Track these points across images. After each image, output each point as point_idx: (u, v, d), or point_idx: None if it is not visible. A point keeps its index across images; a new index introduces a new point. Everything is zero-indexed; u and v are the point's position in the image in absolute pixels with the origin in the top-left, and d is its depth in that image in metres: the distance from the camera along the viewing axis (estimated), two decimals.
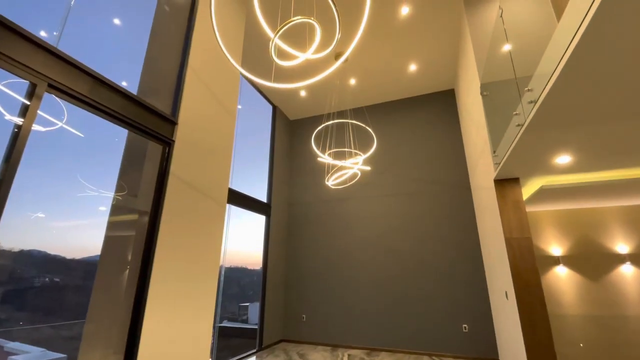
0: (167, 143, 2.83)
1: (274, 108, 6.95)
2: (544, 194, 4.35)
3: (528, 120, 2.44)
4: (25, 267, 2.93)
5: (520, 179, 3.94)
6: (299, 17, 1.76)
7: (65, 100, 2.18)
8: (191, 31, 3.27)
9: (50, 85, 2.03)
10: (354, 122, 5.07)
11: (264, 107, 6.81)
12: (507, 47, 3.41)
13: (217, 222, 3.36)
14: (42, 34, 2.25)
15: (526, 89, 2.39)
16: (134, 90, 2.95)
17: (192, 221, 3.01)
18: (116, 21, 3.61)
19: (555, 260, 5.42)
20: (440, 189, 6.06)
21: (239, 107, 6.61)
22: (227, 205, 5.01)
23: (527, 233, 3.72)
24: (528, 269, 3.63)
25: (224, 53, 2.19)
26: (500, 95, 3.97)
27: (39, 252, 2.97)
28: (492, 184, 4.00)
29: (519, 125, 2.67)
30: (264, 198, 6.24)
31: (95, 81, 2.30)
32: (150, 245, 2.58)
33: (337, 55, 5.51)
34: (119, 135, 3.10)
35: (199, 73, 3.26)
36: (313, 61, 5.02)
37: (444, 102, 6.55)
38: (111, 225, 2.75)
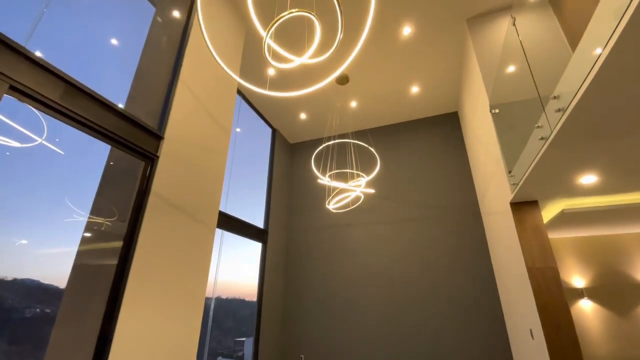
0: (150, 158, 2.55)
1: (274, 131, 6.77)
2: (565, 219, 3.99)
3: (555, 132, 2.16)
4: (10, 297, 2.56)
5: (539, 201, 3.61)
6: (296, 9, 1.53)
7: (31, 105, 1.91)
8: (185, 42, 3.10)
9: (12, 88, 1.78)
10: (355, 142, 4.82)
11: (264, 130, 6.62)
12: (522, 57, 3.22)
13: (205, 249, 3.00)
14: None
15: (552, 95, 2.14)
16: (122, 102, 2.73)
17: (174, 247, 2.64)
18: (113, 41, 3.47)
19: (579, 293, 4.95)
20: (447, 214, 5.70)
21: (238, 130, 6.44)
22: (220, 231, 4.65)
23: (551, 262, 3.33)
24: (556, 305, 3.19)
25: (219, 63, 1.97)
26: (512, 112, 3.74)
27: (23, 280, 2.63)
28: (508, 207, 3.66)
29: (542, 138, 2.39)
30: (260, 224, 5.87)
31: (69, 87, 2.05)
32: (120, 276, 2.20)
33: (338, 79, 5.39)
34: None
35: (191, 86, 3.05)
36: (311, 69, 4.90)
37: (448, 125, 6.36)
38: (80, 254, 2.39)
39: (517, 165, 3.22)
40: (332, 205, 4.93)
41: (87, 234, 2.49)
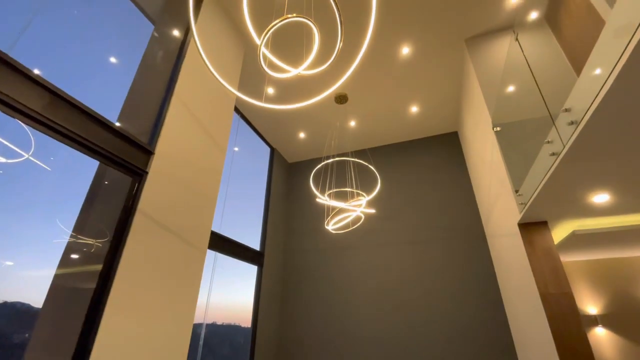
0: (138, 174, 2.40)
1: (272, 150, 6.68)
2: (576, 241, 3.80)
3: (568, 146, 2.04)
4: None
5: (549, 222, 3.44)
6: (293, 15, 1.44)
7: (10, 115, 1.79)
8: (182, 57, 3.04)
9: None
10: (355, 160, 4.71)
11: (262, 149, 6.54)
12: (525, 75, 3.16)
13: (194, 272, 2.78)
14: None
15: (563, 108, 2.03)
16: (114, 117, 2.62)
17: (160, 270, 2.44)
18: (112, 59, 3.43)
19: (593, 320, 4.66)
20: (451, 237, 5.49)
21: (236, 149, 6.35)
22: (214, 253, 4.43)
23: (566, 287, 3.11)
24: (573, 334, 2.95)
25: (216, 79, 1.87)
26: (517, 131, 3.65)
27: (13, 304, 2.42)
28: (516, 228, 3.49)
29: (553, 154, 2.26)
30: (256, 246, 5.63)
31: (53, 97, 1.94)
32: (98, 302, 1.99)
33: (337, 97, 5.37)
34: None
35: (186, 101, 2.96)
36: (310, 87, 4.86)
37: (448, 145, 6.29)
38: (57, 276, 2.19)
39: (524, 184, 3.08)
40: (331, 226, 4.74)
41: (68, 254, 2.30)
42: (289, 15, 1.47)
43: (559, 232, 3.74)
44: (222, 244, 4.48)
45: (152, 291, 2.34)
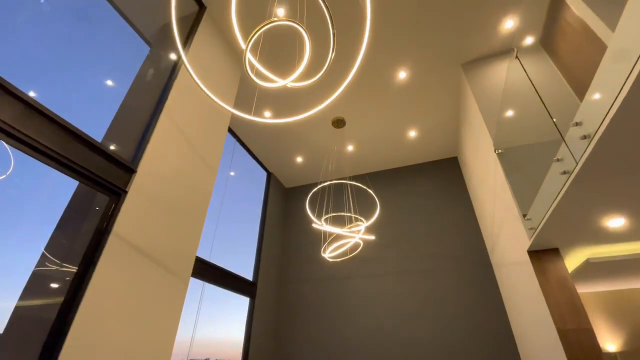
0: (116, 193, 2.21)
1: (269, 175, 6.53)
2: (590, 270, 3.54)
3: (581, 163, 1.88)
4: None
5: (560, 249, 3.21)
6: (283, 18, 1.34)
7: None
8: (175, 74, 2.96)
9: None
10: (353, 183, 4.54)
11: (258, 173, 6.39)
12: (525, 97, 3.09)
13: (174, 303, 2.51)
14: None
15: (573, 122, 1.89)
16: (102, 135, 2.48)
17: (134, 300, 2.18)
18: (108, 81, 3.39)
19: (612, 359, 4.27)
20: (454, 266, 5.19)
21: (232, 173, 6.21)
22: (202, 282, 4.13)
23: (585, 322, 2.82)
24: None
25: (209, 98, 1.76)
26: (521, 152, 3.52)
27: None
28: (526, 256, 3.24)
29: (565, 172, 2.10)
30: (249, 275, 5.31)
31: (27, 108, 1.80)
32: (56, 338, 1.73)
33: (335, 121, 5.31)
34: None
35: (175, 119, 2.84)
36: (305, 102, 4.78)
37: (448, 170, 6.16)
38: (19, 308, 1.94)
39: (533, 208, 2.89)
40: (328, 254, 4.47)
41: (34, 282, 2.06)
42: (275, 19, 1.37)
43: (572, 261, 3.49)
44: (211, 273, 4.19)
45: (123, 325, 2.06)
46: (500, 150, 3.63)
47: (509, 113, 3.52)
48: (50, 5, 2.88)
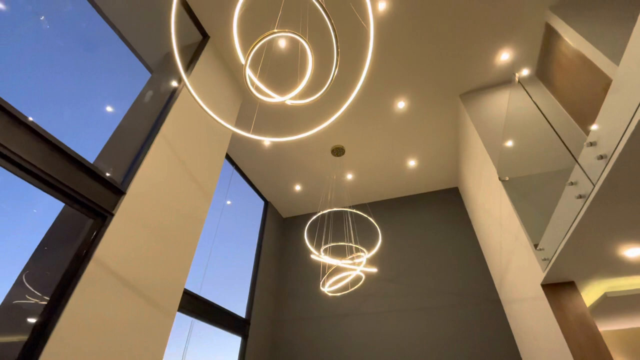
0: (101, 216, 2.05)
1: (266, 204, 6.37)
2: (608, 306, 3.30)
3: (599, 185, 1.76)
4: None
5: (576, 282, 3.00)
6: (286, 30, 1.29)
7: None
8: (174, 98, 2.92)
9: None
10: (353, 210, 4.38)
11: (255, 203, 6.23)
12: (528, 125, 3.06)
13: (157, 339, 2.24)
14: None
15: (587, 141, 1.81)
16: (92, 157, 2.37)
17: (112, 336, 1.93)
18: (109, 108, 3.38)
19: None
20: (461, 303, 4.88)
21: (228, 202, 6.05)
22: (190, 319, 3.80)
23: None
24: None
25: (207, 123, 1.69)
26: (526, 183, 3.42)
27: None
28: (540, 290, 3.02)
29: (581, 197, 1.98)
30: (242, 312, 4.95)
31: (11, 121, 1.70)
32: None
33: (334, 149, 5.27)
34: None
35: (171, 141, 2.75)
36: (307, 141, 4.70)
37: (450, 201, 6.03)
38: None
39: (546, 236, 2.73)
40: (327, 288, 4.20)
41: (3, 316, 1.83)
42: (275, 30, 1.32)
43: (588, 296, 3.26)
44: (201, 309, 3.88)
45: None
46: (506, 178, 3.54)
47: (513, 141, 3.48)
48: (56, 31, 2.92)
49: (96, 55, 3.52)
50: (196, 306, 3.72)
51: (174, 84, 3.14)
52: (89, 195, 1.94)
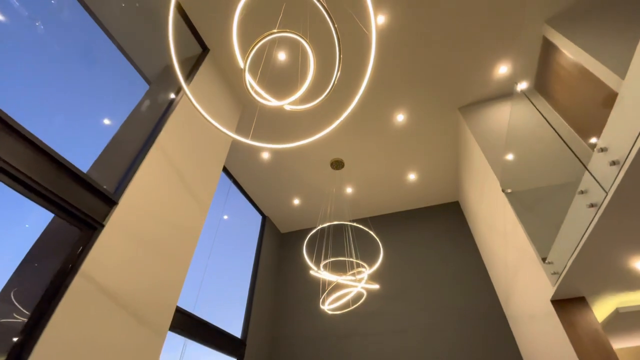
0: (90, 227, 1.94)
1: (264, 218, 6.23)
2: (620, 322, 3.16)
3: (612, 192, 1.69)
4: None
5: (587, 298, 2.88)
6: (287, 30, 1.24)
7: None
8: (172, 107, 2.88)
9: None
10: (354, 224, 4.27)
11: (252, 217, 6.10)
12: (531, 135, 3.03)
13: None
14: None
15: (597, 147, 1.75)
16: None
17: (97, 358, 1.78)
18: (106, 120, 3.34)
19: None
20: (466, 320, 4.70)
21: (225, 217, 5.92)
22: (183, 339, 3.61)
23: None
24: None
25: (204, 133, 1.63)
26: (531, 196, 3.35)
27: None
28: (549, 306, 2.90)
29: (592, 206, 1.91)
30: (237, 332, 4.74)
31: (3, 127, 1.62)
32: None
33: (333, 163, 5.22)
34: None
35: (167, 151, 2.68)
36: (306, 154, 4.63)
37: (451, 215, 5.94)
38: None
39: (554, 249, 2.63)
40: (327, 305, 4.03)
41: None
42: (275, 31, 1.28)
43: (598, 312, 3.13)
44: (194, 328, 3.69)
45: None
46: (509, 190, 3.48)
47: (516, 153, 3.44)
48: (54, 40, 2.90)
49: (94, 66, 3.51)
50: (189, 325, 3.54)
51: (173, 95, 3.10)
52: (77, 204, 1.84)
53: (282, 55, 3.84)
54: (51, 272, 1.78)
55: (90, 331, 1.78)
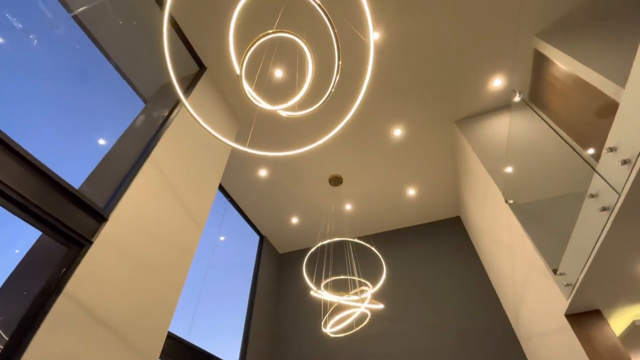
0: (78, 244, 1.82)
1: (262, 238, 6.06)
2: (637, 335, 3.00)
3: (625, 193, 1.63)
4: None
5: (602, 311, 2.75)
6: (284, 31, 1.21)
7: None
8: (167, 122, 2.83)
9: None
10: (355, 240, 4.14)
11: (249, 238, 5.94)
12: (530, 144, 3.00)
13: None
14: None
15: (606, 147, 1.70)
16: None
17: None
18: (101, 141, 3.29)
19: None
20: (475, 341, 4.47)
21: (222, 238, 5.75)
22: None
23: None
24: None
25: (200, 149, 1.58)
26: (535, 207, 3.28)
27: None
28: (564, 321, 2.75)
29: (604, 209, 1.83)
30: (234, 359, 4.46)
31: None
32: None
33: (332, 179, 5.16)
34: None
35: (162, 166, 2.60)
36: (304, 170, 4.56)
37: (453, 231, 5.82)
38: None
39: (565, 259, 2.53)
40: (330, 329, 3.82)
41: None
42: (270, 31, 1.25)
43: (614, 325, 2.98)
44: (187, 356, 3.45)
45: None
46: (511, 201, 3.41)
47: (518, 163, 3.40)
48: (50, 58, 2.89)
49: (90, 84, 3.50)
50: (182, 353, 3.31)
51: (168, 110, 3.07)
52: (63, 219, 1.73)
53: (278, 73, 3.87)
54: (33, 294, 1.64)
55: (75, 357, 1.62)
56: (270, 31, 1.26)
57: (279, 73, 3.87)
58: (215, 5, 3.35)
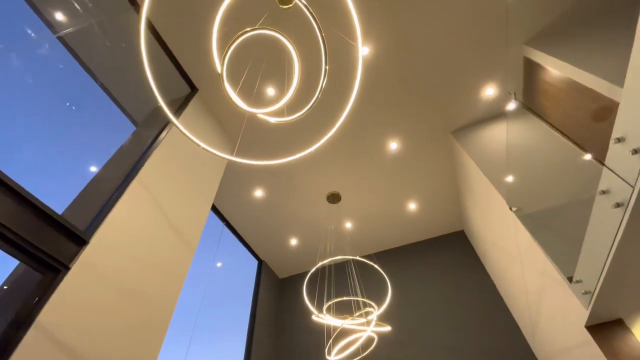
0: (53, 269, 1.67)
1: (260, 263, 5.84)
2: None
3: (638, 187, 1.52)
4: None
5: (625, 320, 2.55)
6: (267, 28, 1.16)
7: None
8: (157, 142, 2.75)
9: None
10: (357, 258, 3.95)
11: (248, 263, 5.72)
12: (530, 150, 2.92)
13: None
14: None
15: (613, 137, 1.61)
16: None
17: None
18: (93, 168, 3.21)
19: None
20: None
21: (218, 264, 5.54)
22: None
23: None
24: None
25: (191, 172, 1.50)
26: (541, 214, 3.16)
27: None
28: (586, 334, 2.55)
29: (618, 205, 1.71)
30: None
31: None
32: None
33: (330, 196, 5.04)
34: None
35: (149, 187, 2.49)
36: (300, 189, 4.43)
37: (458, 246, 5.62)
38: None
39: (580, 264, 2.37)
40: (334, 356, 3.56)
41: None
42: (248, 29, 1.19)
43: (638, 334, 2.77)
44: None
45: None
46: (514, 209, 3.29)
47: (519, 169, 3.32)
48: (37, 80, 2.86)
49: (80, 111, 3.46)
50: None
51: (158, 131, 3.00)
52: (38, 243, 1.59)
53: (270, 91, 3.86)
54: (1, 327, 1.48)
55: None
56: (249, 29, 1.21)
57: (271, 91, 3.86)
58: (205, 29, 3.38)
